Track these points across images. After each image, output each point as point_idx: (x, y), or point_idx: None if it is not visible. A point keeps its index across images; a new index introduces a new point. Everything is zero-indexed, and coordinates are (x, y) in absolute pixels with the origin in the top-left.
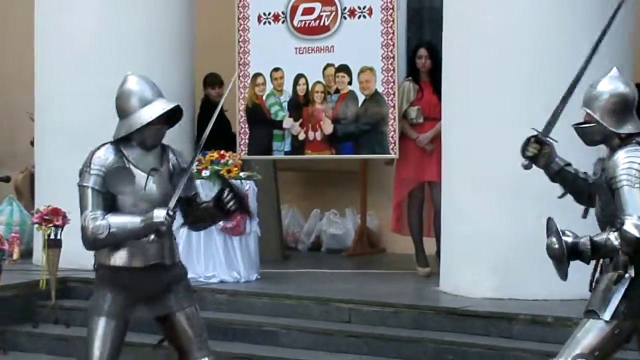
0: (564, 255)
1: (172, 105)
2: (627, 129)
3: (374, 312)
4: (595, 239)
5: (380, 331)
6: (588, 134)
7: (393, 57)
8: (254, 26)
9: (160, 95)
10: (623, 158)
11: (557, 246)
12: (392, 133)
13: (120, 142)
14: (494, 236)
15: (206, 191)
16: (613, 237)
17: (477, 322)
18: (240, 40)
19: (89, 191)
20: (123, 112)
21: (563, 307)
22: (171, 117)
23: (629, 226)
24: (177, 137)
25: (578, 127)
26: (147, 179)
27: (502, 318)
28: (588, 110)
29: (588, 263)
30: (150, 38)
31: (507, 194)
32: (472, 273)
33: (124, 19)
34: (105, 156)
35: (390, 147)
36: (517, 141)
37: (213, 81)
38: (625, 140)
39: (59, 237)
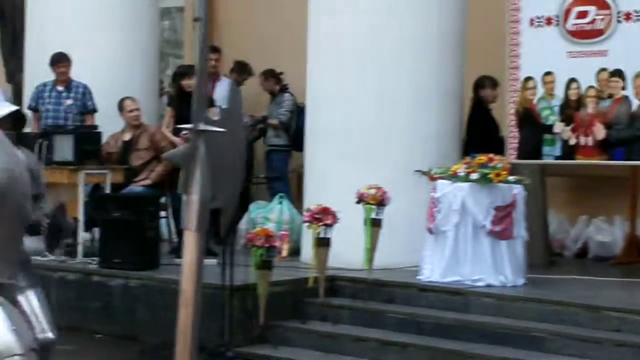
0: None
1: (14, 108)
2: None
3: None
4: None
5: None
6: None
7: None
8: (526, 29)
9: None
10: None
11: None
12: None
13: None
14: None
15: (474, 193)
16: None
17: None
18: (511, 43)
19: None
20: None
21: None
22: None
23: None
24: (442, 137)
25: None
26: None
27: None
28: None
29: None
30: (420, 41)
31: None
32: None
33: (394, 22)
34: None
35: None
36: None
37: (492, 82)
38: None
39: (328, 236)
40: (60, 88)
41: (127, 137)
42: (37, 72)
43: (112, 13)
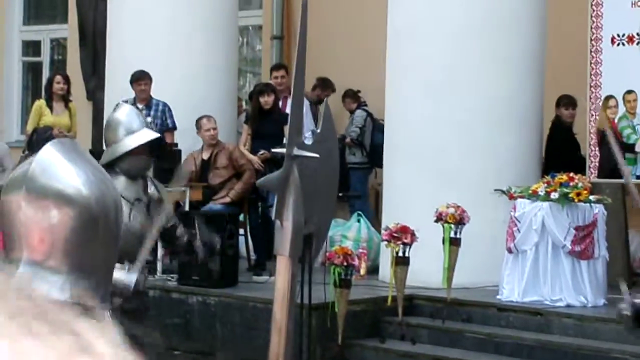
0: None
1: (155, 136)
2: None
3: None
4: None
5: None
6: None
7: None
8: (607, 48)
9: (146, 126)
10: None
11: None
12: None
13: (107, 170)
14: None
15: (554, 213)
16: None
17: None
18: (593, 61)
19: None
20: (108, 140)
21: None
22: (156, 148)
23: None
24: (521, 155)
25: None
26: (131, 209)
27: None
28: None
29: None
30: (500, 60)
31: None
32: None
33: (474, 42)
34: None
35: None
36: None
37: (567, 102)
38: None
39: (406, 254)
40: (140, 106)
41: (205, 155)
42: (117, 90)
43: (191, 31)
